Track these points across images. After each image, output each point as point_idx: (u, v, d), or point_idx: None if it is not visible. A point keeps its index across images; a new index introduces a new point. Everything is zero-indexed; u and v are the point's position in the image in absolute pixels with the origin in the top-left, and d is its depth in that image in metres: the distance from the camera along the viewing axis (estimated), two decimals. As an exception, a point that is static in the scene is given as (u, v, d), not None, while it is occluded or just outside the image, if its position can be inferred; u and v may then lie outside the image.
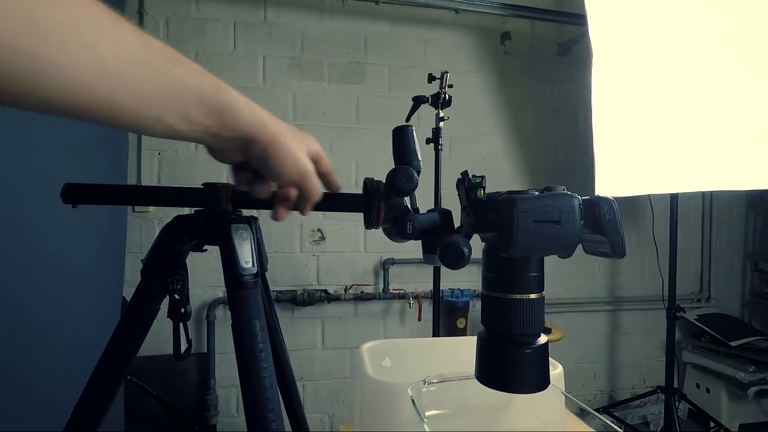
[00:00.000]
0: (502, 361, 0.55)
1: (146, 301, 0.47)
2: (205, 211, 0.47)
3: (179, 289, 0.46)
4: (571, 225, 0.50)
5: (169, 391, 1.91)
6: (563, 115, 2.39)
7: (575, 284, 2.43)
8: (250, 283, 0.43)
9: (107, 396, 0.47)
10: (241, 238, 0.45)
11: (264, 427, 0.40)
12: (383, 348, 0.92)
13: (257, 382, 0.41)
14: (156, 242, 0.47)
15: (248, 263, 0.44)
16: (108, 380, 0.47)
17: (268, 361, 0.42)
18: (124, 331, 0.47)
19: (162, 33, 1.98)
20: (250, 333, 0.42)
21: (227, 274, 0.44)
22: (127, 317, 0.47)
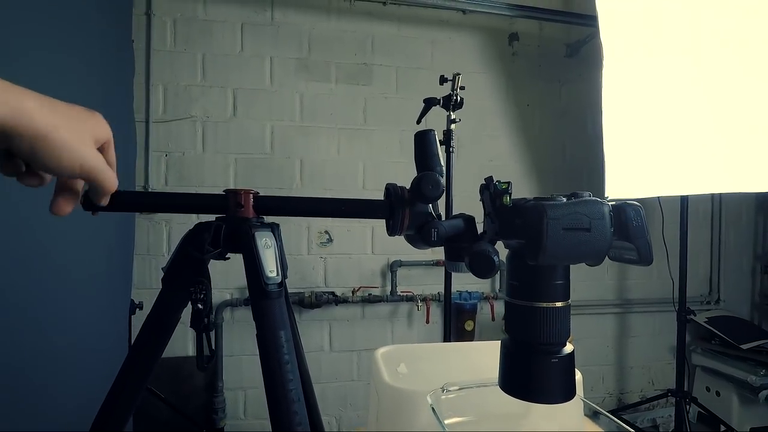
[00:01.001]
0: (528, 371, 0.54)
1: (168, 310, 0.46)
2: (227, 218, 0.46)
3: (202, 298, 0.45)
4: (601, 232, 0.49)
5: (177, 394, 1.90)
6: (571, 117, 2.38)
7: (583, 286, 2.41)
8: (275, 293, 0.43)
9: (128, 406, 0.46)
10: (266, 246, 0.44)
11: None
12: (398, 353, 0.91)
13: (284, 395, 0.40)
14: (177, 250, 0.46)
15: (273, 272, 0.43)
16: (128, 390, 0.46)
17: (294, 373, 0.41)
18: (145, 340, 0.46)
19: (169, 34, 1.97)
20: (276, 344, 0.41)
21: (251, 284, 0.43)
22: (148, 326, 0.46)
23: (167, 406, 1.84)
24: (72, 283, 1.27)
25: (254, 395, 2.05)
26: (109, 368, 1.37)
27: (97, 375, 1.27)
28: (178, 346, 1.98)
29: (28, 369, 1.04)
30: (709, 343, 2.44)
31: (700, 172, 1.79)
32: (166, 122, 1.97)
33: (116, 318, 1.62)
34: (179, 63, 1.98)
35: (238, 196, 0.47)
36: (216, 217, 0.47)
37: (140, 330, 0.47)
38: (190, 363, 1.98)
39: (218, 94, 2.02)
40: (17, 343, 0.99)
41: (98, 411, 0.47)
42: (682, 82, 1.74)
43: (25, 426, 0.98)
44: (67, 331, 1.23)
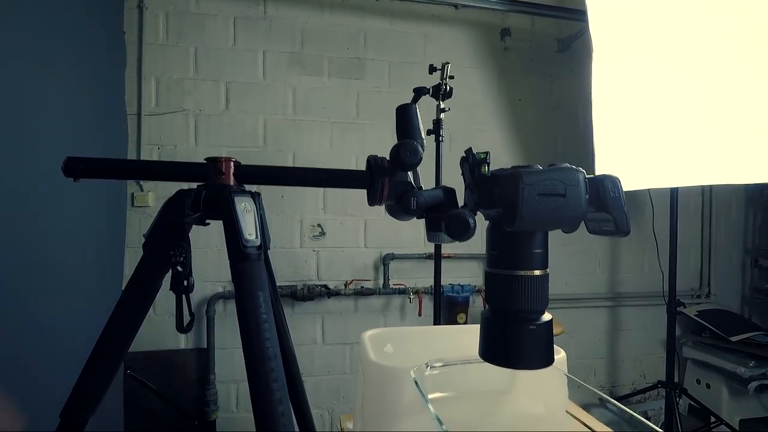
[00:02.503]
0: (507, 338, 0.55)
1: (148, 276, 0.46)
2: (208, 185, 0.47)
3: (182, 261, 0.45)
4: (576, 198, 0.50)
5: (169, 387, 1.90)
6: (563, 111, 2.40)
7: (575, 280, 2.43)
8: (253, 255, 0.43)
9: (108, 373, 0.47)
10: (245, 210, 0.44)
11: (268, 397, 0.39)
12: (385, 335, 0.91)
13: (261, 352, 0.40)
14: (158, 215, 0.46)
15: (251, 235, 0.44)
16: (109, 357, 0.47)
17: (271, 332, 0.42)
18: (126, 306, 0.47)
19: (162, 28, 1.97)
20: (253, 304, 0.42)
21: (230, 246, 0.44)
22: (128, 292, 0.47)
23: (159, 398, 1.84)
24: (63, 276, 1.27)
25: (246, 388, 2.04)
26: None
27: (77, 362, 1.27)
28: (170, 339, 1.98)
29: (15, 360, 1.03)
30: (699, 336, 2.46)
31: (690, 164, 1.80)
32: (158, 115, 1.97)
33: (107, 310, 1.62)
34: (172, 56, 1.98)
35: (219, 164, 0.47)
36: (197, 185, 0.48)
37: (121, 295, 0.47)
38: (181, 356, 1.98)
39: (211, 88, 2.02)
40: (6, 335, 0.99)
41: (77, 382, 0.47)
42: (671, 74, 1.76)
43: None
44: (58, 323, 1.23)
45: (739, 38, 1.75)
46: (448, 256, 2.17)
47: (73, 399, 0.46)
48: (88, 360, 0.47)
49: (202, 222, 0.46)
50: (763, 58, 1.78)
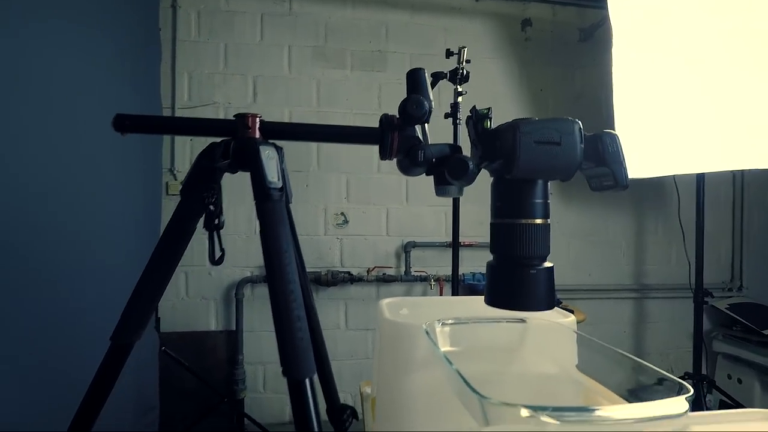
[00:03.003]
0: (510, 283, 0.58)
1: (185, 218, 0.53)
2: (237, 137, 0.53)
3: (214, 201, 0.51)
4: (571, 147, 0.53)
5: (200, 366, 1.99)
6: (586, 101, 2.39)
7: (599, 270, 2.41)
8: (275, 195, 0.49)
9: (150, 302, 0.53)
10: (269, 157, 0.50)
11: (288, 315, 0.45)
12: (402, 302, 0.96)
13: (282, 277, 0.46)
14: (193, 165, 0.53)
15: (274, 178, 0.49)
16: (151, 288, 0.53)
17: (291, 260, 0.47)
18: (166, 245, 0.53)
19: (194, 25, 2.08)
20: (275, 236, 0.47)
21: (256, 189, 0.49)
22: (168, 233, 0.53)
23: (192, 375, 1.93)
24: (105, 257, 1.37)
25: (273, 369, 2.13)
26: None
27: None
28: (201, 321, 2.08)
29: (55, 338, 1.13)
30: (730, 330, 2.40)
31: (717, 148, 1.77)
32: (191, 108, 2.08)
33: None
34: (203, 52, 2.09)
35: (246, 119, 0.53)
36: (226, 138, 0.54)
37: (161, 237, 0.54)
38: (212, 337, 2.08)
39: (239, 82, 2.12)
40: (49, 313, 1.08)
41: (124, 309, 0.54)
42: (695, 55, 1.74)
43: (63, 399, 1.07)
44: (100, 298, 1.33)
45: (764, 18, 1.72)
46: (469, 244, 2.19)
47: (121, 325, 0.53)
48: (134, 291, 0.53)
49: (231, 169, 0.52)
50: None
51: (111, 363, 0.53)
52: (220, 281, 2.09)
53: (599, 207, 2.39)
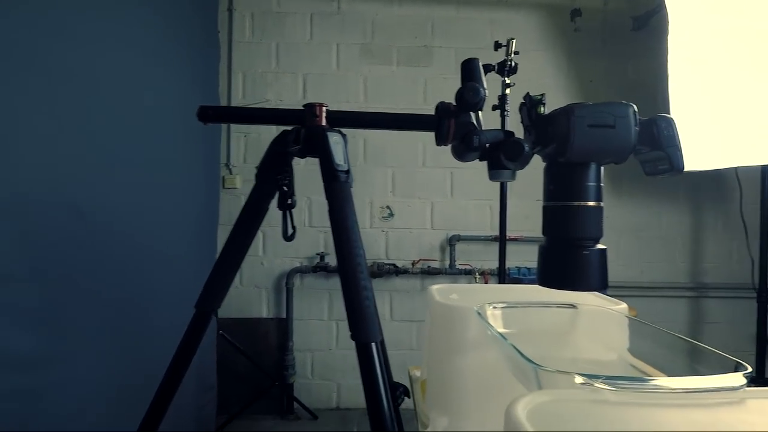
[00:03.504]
0: (562, 263, 0.60)
1: (259, 198, 0.58)
2: (305, 125, 0.58)
3: (286, 183, 0.57)
4: (625, 130, 0.54)
5: (254, 350, 2.11)
6: (639, 92, 2.30)
7: (652, 267, 2.33)
8: (342, 176, 0.53)
9: (229, 274, 0.60)
10: (336, 143, 0.55)
11: (356, 285, 0.49)
12: (451, 288, 0.99)
13: (350, 251, 0.50)
14: (267, 150, 0.58)
15: (341, 161, 0.54)
16: (230, 261, 0.60)
17: (357, 235, 0.51)
18: (243, 223, 0.59)
19: (248, 26, 2.19)
20: (343, 213, 0.52)
21: (325, 171, 0.54)
22: (244, 213, 0.59)
23: (245, 359, 2.05)
24: (171, 247, 1.48)
25: (321, 357, 2.21)
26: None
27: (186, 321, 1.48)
28: (255, 308, 2.19)
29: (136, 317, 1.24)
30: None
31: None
32: (245, 106, 2.19)
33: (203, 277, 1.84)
34: (256, 52, 2.19)
35: (314, 108, 0.58)
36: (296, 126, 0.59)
37: (238, 216, 0.60)
38: (264, 324, 2.19)
39: (290, 80, 2.21)
40: (129, 289, 1.19)
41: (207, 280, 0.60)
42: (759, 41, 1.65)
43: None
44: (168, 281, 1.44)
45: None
46: (515, 238, 2.18)
47: (204, 294, 0.59)
48: (215, 264, 0.60)
49: (301, 154, 0.57)
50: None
51: (195, 328, 0.60)
52: (271, 271, 2.20)
53: (652, 201, 2.31)
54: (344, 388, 2.24)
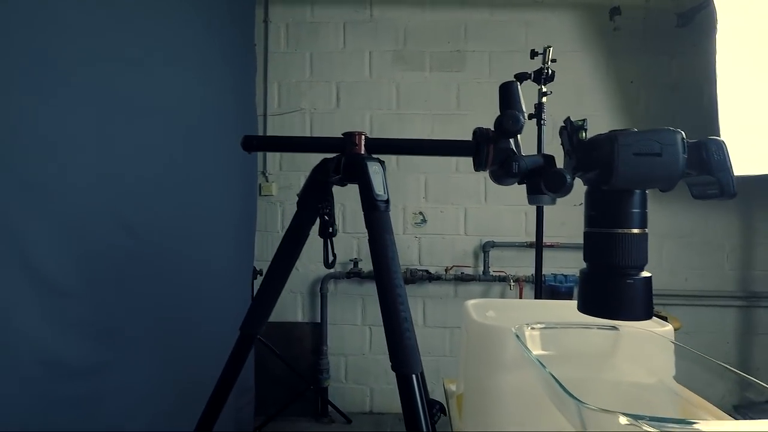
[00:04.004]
0: (605, 291, 0.59)
1: (300, 225, 0.60)
2: (345, 153, 0.59)
3: (327, 212, 0.58)
4: (672, 158, 0.53)
5: (289, 354, 2.15)
6: (684, 92, 2.21)
7: (697, 275, 2.23)
8: (382, 206, 0.54)
9: (272, 298, 0.62)
10: (375, 172, 0.56)
11: (396, 316, 0.50)
12: (486, 304, 0.98)
13: (390, 281, 0.51)
14: (308, 178, 0.60)
15: (381, 191, 0.55)
16: (272, 287, 0.62)
17: (397, 266, 0.52)
18: (285, 248, 0.61)
19: (283, 37, 2.24)
20: (383, 244, 0.53)
21: (365, 200, 0.55)
22: (286, 238, 0.61)
23: (281, 362, 2.10)
24: (213, 252, 1.54)
25: (354, 361, 2.24)
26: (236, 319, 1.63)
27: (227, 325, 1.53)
28: (290, 313, 2.24)
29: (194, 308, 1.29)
30: None
31: None
32: (280, 115, 2.24)
33: (242, 282, 1.89)
34: (291, 62, 2.24)
35: (353, 137, 0.59)
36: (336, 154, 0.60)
37: (280, 242, 0.62)
38: (299, 328, 2.23)
39: (324, 88, 2.24)
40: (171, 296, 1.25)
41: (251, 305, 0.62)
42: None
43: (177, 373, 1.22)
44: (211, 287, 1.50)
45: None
46: (551, 245, 2.14)
47: (248, 318, 0.62)
48: (259, 289, 0.62)
49: (341, 182, 0.58)
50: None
51: (240, 350, 0.62)
52: (306, 276, 2.24)
53: (698, 205, 2.21)
54: (377, 392, 2.26)
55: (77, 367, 0.85)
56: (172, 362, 1.17)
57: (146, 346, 1.07)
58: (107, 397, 0.94)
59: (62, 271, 0.82)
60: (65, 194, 0.85)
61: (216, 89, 1.58)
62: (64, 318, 0.81)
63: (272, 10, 2.24)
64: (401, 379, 0.50)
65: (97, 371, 0.90)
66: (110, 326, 0.94)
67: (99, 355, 0.90)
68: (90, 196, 0.92)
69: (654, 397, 0.78)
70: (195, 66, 1.42)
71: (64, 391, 0.79)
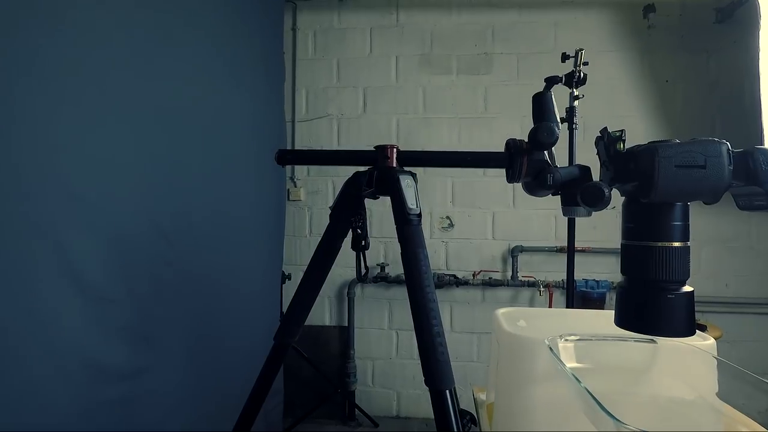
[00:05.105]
0: (644, 306, 0.57)
1: (333, 237, 0.61)
2: (377, 167, 0.59)
3: (360, 225, 0.58)
4: (717, 170, 0.51)
5: (316, 358, 2.18)
6: (723, 90, 2.12)
7: (739, 281, 2.13)
8: (415, 220, 0.54)
9: (306, 307, 0.63)
10: (407, 186, 0.56)
11: (429, 330, 0.50)
12: (517, 313, 0.96)
13: (423, 296, 0.51)
14: (341, 192, 0.60)
15: (413, 205, 0.55)
16: (305, 298, 0.62)
17: (430, 280, 0.52)
18: (318, 260, 0.62)
19: (310, 44, 2.27)
20: (416, 258, 0.53)
21: (397, 214, 0.55)
22: (320, 249, 0.62)
23: (309, 366, 2.12)
24: (246, 257, 1.57)
25: (381, 365, 2.24)
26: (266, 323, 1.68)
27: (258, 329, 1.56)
28: (317, 317, 2.26)
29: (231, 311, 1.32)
30: None
31: None
32: (308, 121, 2.27)
33: (272, 286, 1.93)
34: (318, 69, 2.26)
35: (385, 150, 0.59)
36: (368, 168, 0.61)
37: (313, 254, 0.63)
38: (326, 332, 2.25)
39: (350, 94, 2.26)
40: (206, 297, 1.28)
41: (284, 315, 0.64)
42: None
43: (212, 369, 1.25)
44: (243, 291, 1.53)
45: None
46: (582, 249, 2.09)
47: (282, 327, 0.63)
48: (293, 299, 0.63)
49: (373, 196, 0.59)
50: None
51: (274, 359, 0.63)
52: (332, 281, 2.26)
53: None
54: (404, 396, 2.26)
55: (118, 372, 0.88)
56: (205, 367, 1.21)
57: (181, 352, 1.10)
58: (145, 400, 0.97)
59: (106, 278, 0.85)
60: (107, 205, 0.89)
61: (248, 98, 1.61)
62: (107, 324, 0.85)
63: (300, 18, 2.27)
64: (435, 395, 0.50)
65: (135, 376, 0.94)
66: (149, 332, 0.98)
67: (138, 360, 0.94)
68: (130, 205, 0.95)
69: (695, 414, 0.75)
70: (229, 76, 1.46)
71: (106, 394, 0.83)
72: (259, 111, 1.70)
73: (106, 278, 0.85)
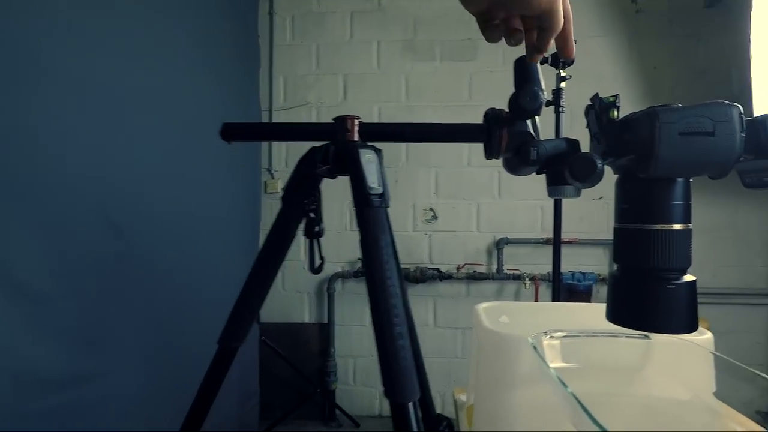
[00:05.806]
0: (641, 298, 0.50)
1: (286, 223, 0.52)
2: (335, 141, 0.51)
3: (314, 209, 0.50)
4: (728, 137, 0.44)
5: (295, 357, 2.09)
6: (713, 76, 2.07)
7: (727, 271, 2.10)
8: (376, 201, 0.46)
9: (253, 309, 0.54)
10: (369, 161, 0.48)
11: (390, 331, 0.42)
12: (499, 308, 0.90)
13: (383, 290, 0.43)
14: (294, 171, 0.52)
15: (374, 184, 0.47)
16: (253, 295, 0.54)
17: (392, 272, 0.44)
18: (267, 252, 0.54)
19: (288, 29, 2.17)
20: (376, 246, 0.45)
21: (356, 194, 0.47)
22: (270, 239, 0.54)
23: (287, 365, 2.04)
24: (207, 257, 1.47)
25: (362, 363, 2.17)
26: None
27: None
28: (296, 313, 2.18)
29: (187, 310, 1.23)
30: None
31: None
32: (286, 110, 2.17)
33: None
34: (297, 55, 2.16)
35: (345, 122, 0.51)
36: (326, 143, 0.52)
37: (264, 243, 0.54)
38: (306, 329, 2.17)
39: (330, 81, 2.16)
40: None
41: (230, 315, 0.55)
42: None
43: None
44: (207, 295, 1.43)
45: None
46: (569, 241, 2.03)
47: (227, 330, 0.54)
48: (238, 298, 0.55)
49: (331, 175, 0.51)
50: None
51: (218, 364, 0.55)
52: (312, 276, 2.15)
53: (727, 196, 2.07)
54: (388, 394, 2.18)
55: (57, 379, 0.79)
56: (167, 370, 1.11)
57: (137, 355, 1.00)
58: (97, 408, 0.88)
59: (38, 275, 0.76)
60: (44, 193, 0.79)
61: (216, 83, 1.51)
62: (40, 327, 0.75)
63: (277, 2, 2.17)
64: (395, 408, 0.42)
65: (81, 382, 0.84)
66: (96, 335, 0.88)
67: (82, 365, 0.84)
68: (73, 195, 0.86)
69: (690, 415, 0.69)
70: (194, 59, 1.35)
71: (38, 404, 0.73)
72: (230, 98, 1.59)
73: (38, 275, 0.75)
